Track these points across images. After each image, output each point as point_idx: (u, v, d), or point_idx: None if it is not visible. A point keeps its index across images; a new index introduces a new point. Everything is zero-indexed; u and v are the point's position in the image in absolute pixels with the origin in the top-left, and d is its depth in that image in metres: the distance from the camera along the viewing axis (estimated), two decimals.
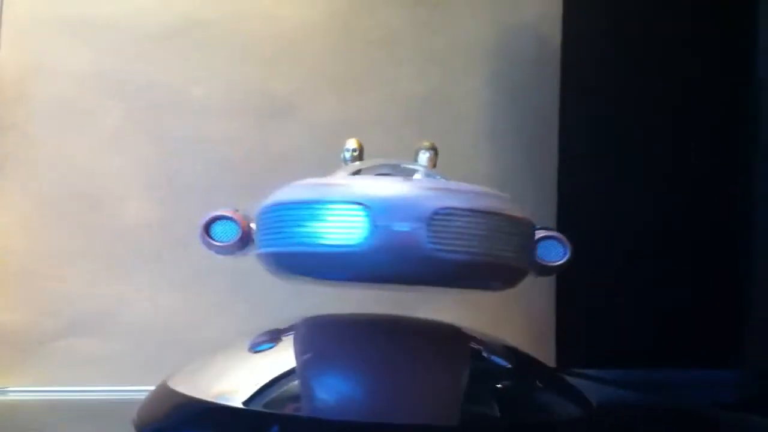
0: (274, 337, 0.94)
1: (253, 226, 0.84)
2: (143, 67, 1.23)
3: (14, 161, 1.16)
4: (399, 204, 0.65)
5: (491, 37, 1.47)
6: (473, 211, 0.68)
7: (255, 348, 0.89)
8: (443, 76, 1.43)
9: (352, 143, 0.98)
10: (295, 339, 0.94)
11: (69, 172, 1.18)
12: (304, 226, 0.69)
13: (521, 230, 0.75)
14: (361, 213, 0.66)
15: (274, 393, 0.80)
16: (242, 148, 1.27)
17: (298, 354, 0.88)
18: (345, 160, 0.97)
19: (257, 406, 0.79)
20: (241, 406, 0.79)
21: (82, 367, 1.17)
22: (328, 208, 0.68)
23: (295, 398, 0.80)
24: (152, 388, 1.18)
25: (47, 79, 1.18)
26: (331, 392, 0.80)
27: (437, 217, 0.67)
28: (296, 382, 0.81)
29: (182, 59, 1.25)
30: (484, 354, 0.92)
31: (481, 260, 0.69)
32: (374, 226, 0.65)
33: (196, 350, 1.20)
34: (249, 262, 1.06)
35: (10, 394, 1.13)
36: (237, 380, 0.85)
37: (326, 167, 0.98)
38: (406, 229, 0.64)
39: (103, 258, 1.20)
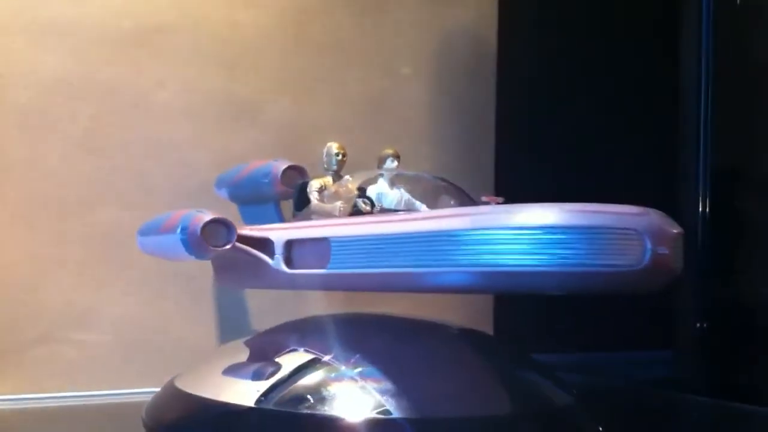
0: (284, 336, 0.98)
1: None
2: (108, 72, 1.23)
3: None
4: (656, 229, 0.70)
5: (431, 42, 1.54)
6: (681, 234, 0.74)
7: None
8: (388, 81, 1.49)
9: (335, 147, 1.03)
10: (292, 336, 0.98)
11: (39, 179, 1.17)
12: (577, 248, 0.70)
13: None
14: (635, 238, 0.70)
15: (285, 391, 0.85)
16: (206, 150, 1.29)
17: (303, 350, 0.92)
18: (331, 165, 1.01)
19: (269, 405, 0.83)
20: (252, 405, 0.84)
21: (59, 373, 1.17)
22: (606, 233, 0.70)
23: (306, 397, 0.83)
24: (128, 391, 1.21)
25: (14, 86, 1.17)
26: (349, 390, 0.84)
27: (678, 241, 0.73)
28: (306, 381, 0.85)
29: (146, 63, 1.26)
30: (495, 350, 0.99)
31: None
32: (646, 250, 0.70)
33: (169, 353, 1.23)
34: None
35: None
36: (245, 380, 0.89)
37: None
38: (666, 251, 0.70)
39: (76, 265, 1.19)
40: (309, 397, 0.83)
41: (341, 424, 0.80)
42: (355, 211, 0.92)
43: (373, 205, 0.93)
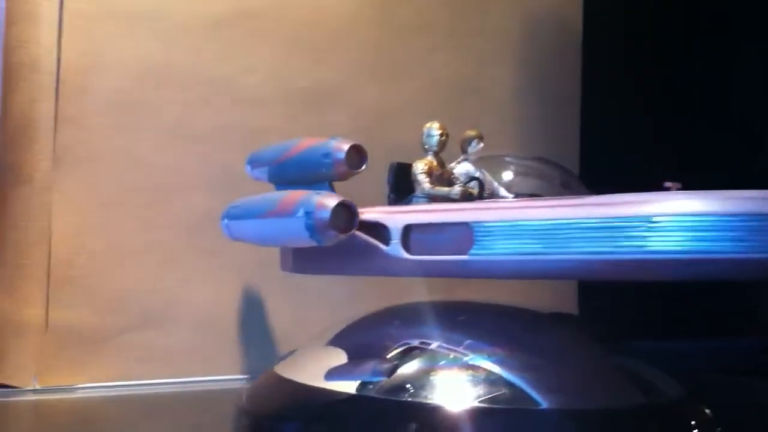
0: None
1: None
2: (197, 59, 1.22)
3: (74, 156, 1.14)
4: None
5: (517, 24, 1.50)
6: None
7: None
8: (474, 64, 1.46)
9: (436, 127, 1.00)
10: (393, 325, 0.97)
11: (129, 167, 1.17)
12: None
13: None
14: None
15: (389, 379, 0.83)
16: (293, 136, 1.27)
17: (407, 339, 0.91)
18: (432, 145, 0.99)
19: (373, 393, 0.82)
20: (355, 392, 0.83)
21: (149, 361, 1.17)
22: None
23: (411, 385, 0.82)
24: (218, 377, 1.21)
25: (106, 73, 1.16)
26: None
27: None
28: (410, 368, 0.84)
29: (234, 49, 1.24)
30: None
31: None
32: None
33: (257, 340, 1.23)
34: None
35: (79, 391, 1.13)
36: (348, 366, 0.88)
37: (373, 153, 1.01)
38: None
39: (165, 253, 1.19)
40: (413, 385, 0.82)
41: (447, 414, 0.79)
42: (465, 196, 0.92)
43: (482, 188, 0.94)
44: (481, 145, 1.00)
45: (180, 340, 1.19)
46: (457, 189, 0.93)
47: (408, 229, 0.89)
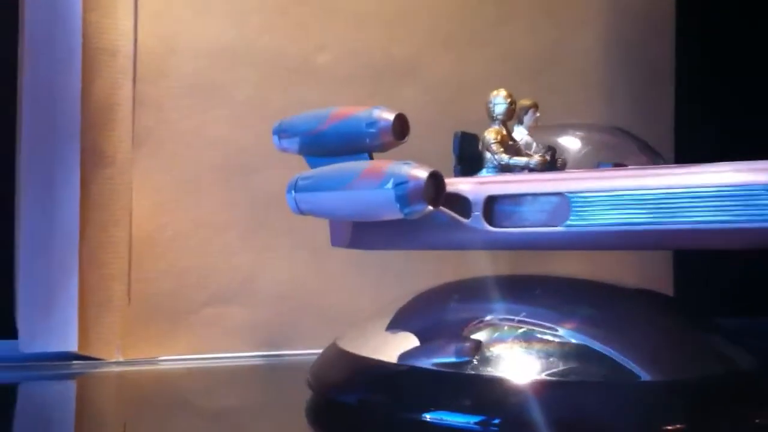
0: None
1: None
2: (269, 38, 1.24)
3: (154, 138, 1.18)
4: None
5: None
6: None
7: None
8: (556, 31, 1.42)
9: (504, 95, 0.97)
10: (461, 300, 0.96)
11: (206, 146, 1.20)
12: None
13: None
14: None
15: (447, 352, 0.83)
16: None
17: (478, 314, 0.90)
18: (501, 114, 0.95)
19: (431, 365, 0.82)
20: (415, 365, 0.83)
21: (227, 335, 1.21)
22: None
23: (473, 357, 0.81)
24: (294, 352, 1.23)
25: (181, 57, 1.20)
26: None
27: None
28: (473, 341, 0.83)
29: (305, 27, 1.26)
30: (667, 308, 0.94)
31: None
32: None
33: (333, 314, 1.24)
34: None
35: (162, 363, 1.18)
36: (408, 339, 0.88)
37: (446, 126, 0.99)
38: None
39: (243, 229, 1.22)
40: (475, 357, 0.81)
41: (508, 386, 0.78)
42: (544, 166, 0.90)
43: (554, 159, 0.92)
44: (538, 114, 0.98)
45: (258, 314, 1.22)
46: (537, 158, 0.91)
47: (490, 201, 0.86)
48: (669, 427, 0.75)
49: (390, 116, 0.89)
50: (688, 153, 1.48)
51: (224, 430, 0.87)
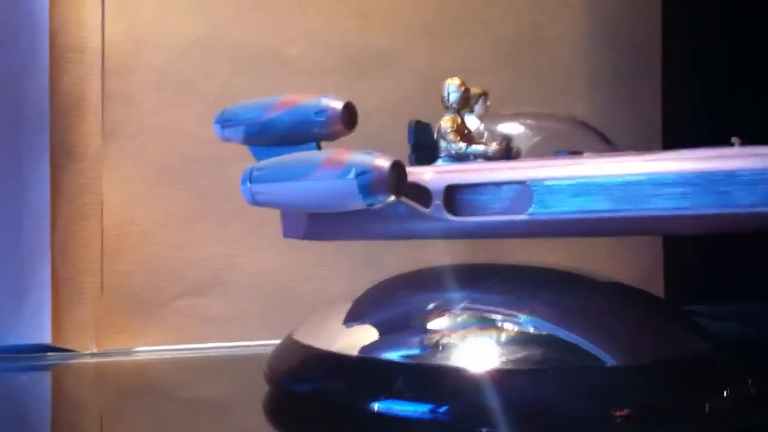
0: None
1: None
2: (240, 31, 1.24)
3: (124, 132, 1.20)
4: None
5: None
6: None
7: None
8: (537, 15, 1.40)
9: (458, 83, 0.96)
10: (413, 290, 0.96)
11: (177, 140, 1.22)
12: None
13: None
14: None
15: (397, 342, 0.83)
16: None
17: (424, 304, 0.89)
18: (455, 102, 0.94)
19: (381, 355, 0.82)
20: (364, 355, 0.82)
21: (201, 325, 1.22)
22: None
23: (418, 346, 0.81)
24: (268, 342, 1.23)
25: (151, 51, 1.21)
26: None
27: None
28: (420, 332, 0.83)
29: (277, 20, 1.26)
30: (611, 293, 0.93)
31: None
32: None
33: (308, 304, 1.24)
34: None
35: (135, 354, 1.19)
36: (361, 331, 0.87)
37: (425, 116, 0.99)
38: None
39: (215, 221, 1.23)
40: (428, 347, 0.81)
41: (460, 374, 0.77)
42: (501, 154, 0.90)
43: (509, 148, 0.91)
44: (488, 103, 0.97)
45: (231, 305, 1.24)
46: (494, 147, 0.90)
47: (451, 190, 0.86)
48: (619, 413, 0.74)
49: (339, 105, 0.88)
50: (677, 138, 1.46)
51: (198, 418, 0.89)
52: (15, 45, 1.13)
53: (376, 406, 0.79)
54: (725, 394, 0.82)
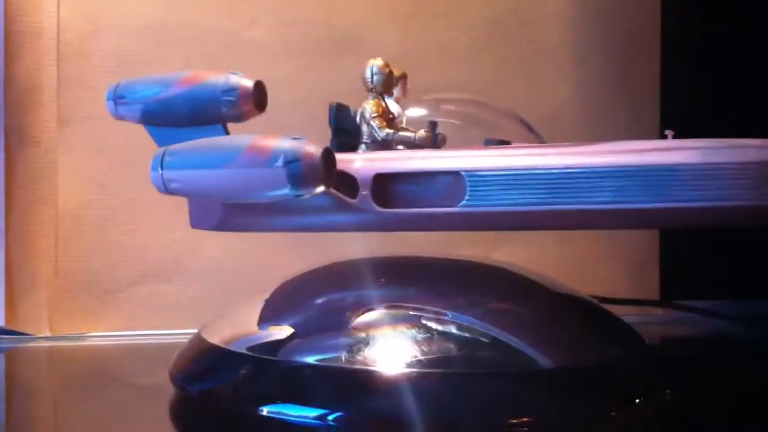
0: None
1: None
2: (198, 14, 1.22)
3: (80, 117, 1.19)
4: None
5: None
6: None
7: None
8: None
9: (381, 64, 0.92)
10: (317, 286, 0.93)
11: (133, 125, 1.20)
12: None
13: None
14: None
15: (301, 342, 0.80)
16: (304, 88, 1.25)
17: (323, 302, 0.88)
18: (378, 84, 0.90)
19: (283, 356, 0.79)
20: (270, 357, 0.79)
21: (156, 312, 1.22)
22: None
23: (320, 347, 0.79)
24: None
25: (106, 35, 1.20)
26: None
27: None
28: (322, 331, 0.81)
29: (237, 2, 1.24)
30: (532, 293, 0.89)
31: None
32: None
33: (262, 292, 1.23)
34: None
35: (90, 339, 1.20)
36: (264, 329, 0.86)
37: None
38: None
39: (172, 207, 1.20)
40: (333, 347, 0.78)
41: (372, 378, 0.74)
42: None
43: (435, 134, 0.87)
44: (408, 86, 0.93)
45: (189, 292, 1.23)
46: (422, 133, 0.86)
47: (379, 179, 0.81)
48: (514, 421, 0.72)
49: (249, 83, 0.83)
50: (675, 126, 1.38)
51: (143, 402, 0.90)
52: None
53: (264, 410, 0.76)
54: (637, 403, 0.79)
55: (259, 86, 0.84)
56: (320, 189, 0.76)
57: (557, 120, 1.32)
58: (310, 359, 0.77)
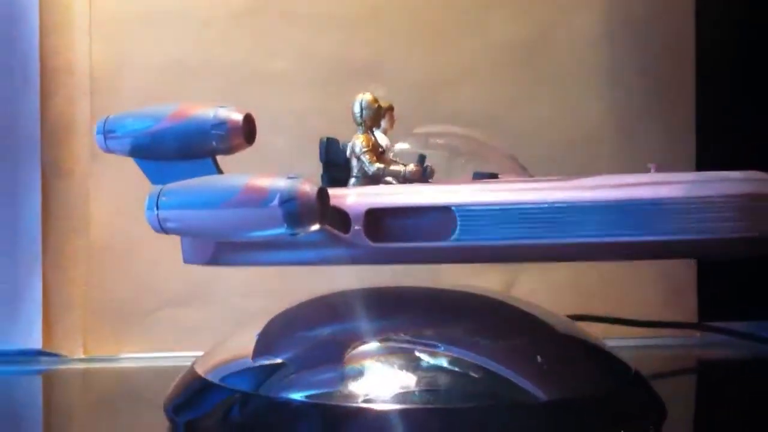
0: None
1: None
2: (221, 50, 1.27)
3: None
4: None
5: None
6: None
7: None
8: (546, 15, 1.32)
9: (370, 98, 0.93)
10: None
11: None
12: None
13: None
14: None
15: (282, 377, 0.81)
16: (327, 117, 1.27)
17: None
18: (367, 119, 0.92)
19: (264, 390, 0.80)
20: (249, 391, 0.81)
21: (180, 334, 1.26)
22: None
23: (303, 382, 0.80)
24: None
25: (134, 71, 1.26)
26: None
27: None
28: (329, 369, 0.81)
29: (261, 36, 1.27)
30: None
31: None
32: None
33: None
34: None
35: (120, 361, 1.26)
36: (247, 362, 0.88)
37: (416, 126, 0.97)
38: None
39: None
40: (311, 384, 0.79)
41: (357, 414, 0.75)
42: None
43: (425, 167, 0.89)
44: (394, 119, 0.94)
45: (210, 316, 1.27)
46: (412, 167, 0.87)
47: (371, 214, 0.82)
48: None
49: (239, 116, 0.84)
50: (711, 144, 1.34)
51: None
52: (8, 73, 1.22)
53: None
54: None
55: (249, 119, 0.86)
56: (315, 227, 0.78)
57: (590, 141, 1.31)
58: (293, 395, 0.78)
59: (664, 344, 1.30)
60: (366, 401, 0.75)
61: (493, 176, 0.87)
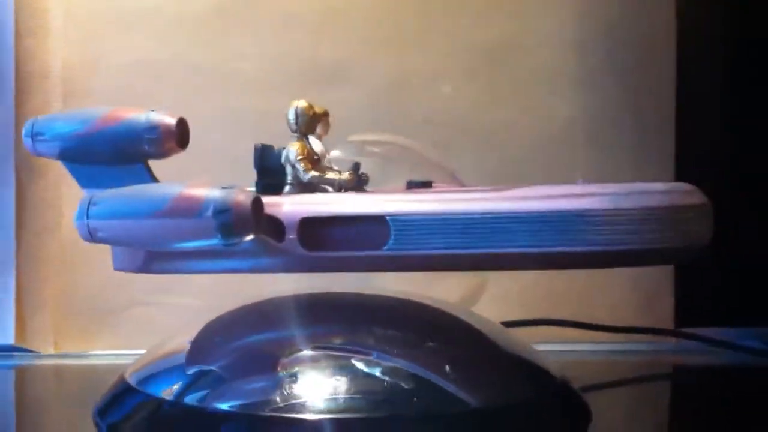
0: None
1: None
2: (190, 51, 1.29)
3: None
4: None
5: None
6: None
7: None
8: (516, 20, 1.30)
9: (305, 105, 0.92)
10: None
11: None
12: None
13: None
14: None
15: (211, 386, 0.83)
16: None
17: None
18: (302, 127, 0.91)
19: (191, 401, 0.81)
20: (169, 398, 0.82)
21: (151, 332, 1.27)
22: None
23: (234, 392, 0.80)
24: None
25: (106, 73, 1.29)
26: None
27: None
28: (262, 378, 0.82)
29: (226, 38, 1.29)
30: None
31: None
32: None
33: None
34: None
35: (90, 357, 1.29)
36: (176, 369, 0.90)
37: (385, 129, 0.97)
38: None
39: None
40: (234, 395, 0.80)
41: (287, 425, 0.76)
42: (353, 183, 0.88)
43: (359, 175, 0.90)
44: (329, 125, 0.94)
45: (183, 314, 1.28)
46: (346, 176, 0.88)
47: (306, 223, 0.82)
48: None
49: (172, 120, 0.84)
50: (694, 146, 1.30)
51: None
52: None
53: None
54: None
55: (182, 123, 0.86)
56: (249, 237, 0.78)
57: (558, 143, 1.30)
58: (215, 403, 0.79)
59: (637, 350, 1.29)
60: (289, 410, 0.76)
61: (426, 184, 0.89)
